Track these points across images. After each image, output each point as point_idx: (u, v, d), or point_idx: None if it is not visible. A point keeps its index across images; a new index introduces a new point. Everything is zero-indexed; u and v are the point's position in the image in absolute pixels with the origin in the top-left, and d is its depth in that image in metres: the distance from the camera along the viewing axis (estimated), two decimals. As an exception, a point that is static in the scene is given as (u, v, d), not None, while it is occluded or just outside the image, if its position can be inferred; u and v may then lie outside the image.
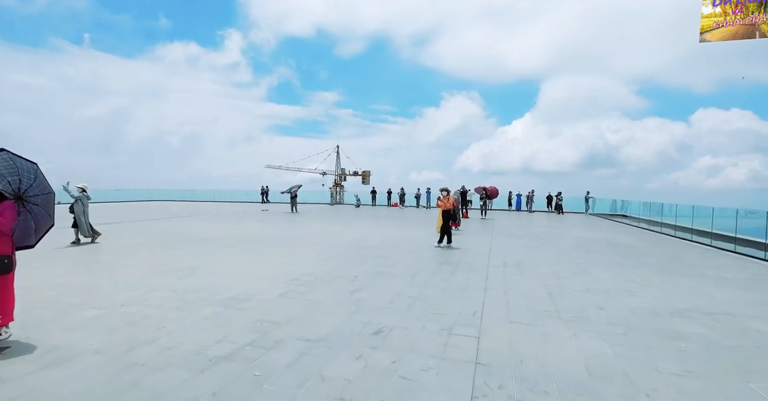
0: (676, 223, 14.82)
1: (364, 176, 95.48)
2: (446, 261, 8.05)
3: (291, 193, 23.35)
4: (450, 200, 10.24)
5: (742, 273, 7.49)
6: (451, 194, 19.24)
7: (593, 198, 26.63)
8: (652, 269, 7.64)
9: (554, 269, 7.45)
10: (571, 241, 11.85)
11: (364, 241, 10.79)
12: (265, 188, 32.08)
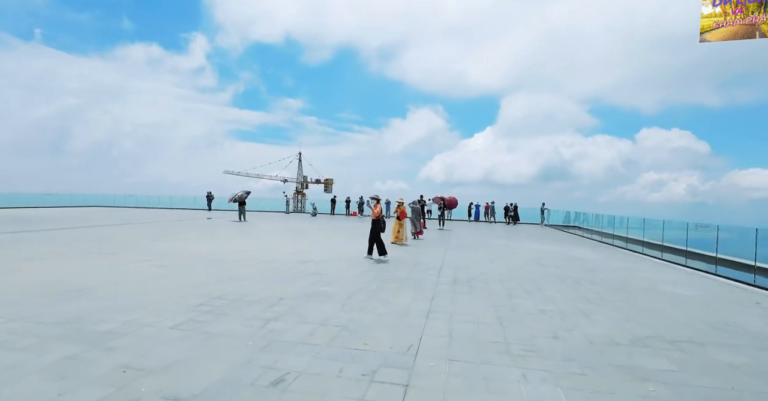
0: (628, 235, 14.90)
1: (326, 184, 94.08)
2: (392, 278, 7.23)
3: (238, 200, 21.85)
4: (378, 208, 9.50)
5: (697, 290, 7.19)
6: (408, 204, 18.70)
7: (548, 210, 26.96)
8: (609, 286, 7.19)
9: (507, 287, 6.81)
10: (527, 254, 11.43)
11: (307, 254, 9.80)
12: (211, 194, 30.07)
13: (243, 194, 21.93)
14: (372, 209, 9.46)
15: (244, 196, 21.95)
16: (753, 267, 8.50)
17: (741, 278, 8.62)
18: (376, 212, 9.39)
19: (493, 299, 5.89)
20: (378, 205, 9.52)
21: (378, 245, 9.29)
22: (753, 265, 8.44)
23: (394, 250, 11.19)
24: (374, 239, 9.32)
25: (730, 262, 10.05)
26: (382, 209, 9.57)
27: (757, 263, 8.43)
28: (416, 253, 10.78)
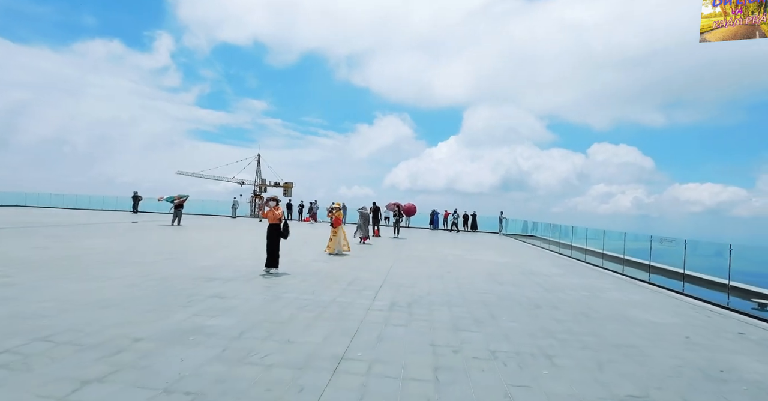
0: (587, 247, 14.24)
1: (286, 187, 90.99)
2: (313, 303, 5.75)
3: (174, 202, 19.70)
4: (279, 210, 8.11)
5: (670, 315, 6.22)
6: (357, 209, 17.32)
7: (506, 219, 26.47)
8: (572, 311, 6.07)
9: (455, 314, 5.53)
10: (483, 267, 10.30)
11: (221, 269, 8.12)
12: (138, 195, 27.11)
13: (181, 197, 20.01)
14: (273, 212, 7.99)
15: (183, 200, 20.00)
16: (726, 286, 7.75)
17: (706, 295, 7.86)
18: (274, 216, 7.94)
19: (433, 335, 4.56)
20: (278, 207, 8.09)
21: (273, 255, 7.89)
22: (726, 284, 7.69)
23: (333, 262, 9.72)
24: (271, 247, 7.86)
25: (694, 278, 9.37)
26: (283, 212, 8.11)
27: (731, 283, 7.67)
28: (357, 266, 9.35)
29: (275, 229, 7.94)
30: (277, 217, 7.93)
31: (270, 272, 7.83)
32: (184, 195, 20.80)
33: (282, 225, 8.05)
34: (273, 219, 7.93)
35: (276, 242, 7.91)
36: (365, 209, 16.30)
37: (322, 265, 9.17)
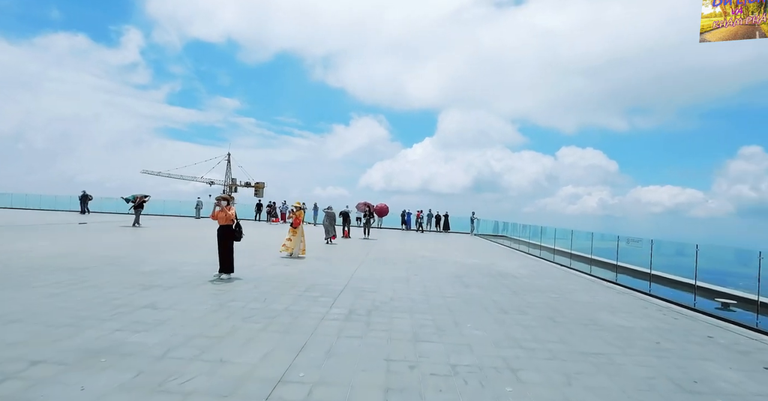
0: (555, 247, 14.22)
1: (257, 187, 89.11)
2: (262, 311, 5.20)
3: (134, 202, 18.62)
4: (231, 210, 7.46)
5: (638, 318, 6.03)
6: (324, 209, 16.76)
7: (478, 219, 26.50)
8: (540, 316, 5.78)
9: (416, 322, 5.11)
10: (451, 269, 9.98)
11: (165, 274, 7.42)
12: (88, 195, 25.31)
13: (143, 197, 18.99)
14: (225, 212, 7.35)
15: (144, 199, 18.98)
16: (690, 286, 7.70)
17: (671, 295, 7.81)
18: (225, 216, 7.31)
19: (390, 348, 4.11)
20: (230, 207, 7.46)
21: (225, 259, 7.26)
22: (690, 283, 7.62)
23: (295, 266, 9.14)
24: (223, 251, 7.25)
25: (660, 278, 9.36)
26: (235, 213, 7.49)
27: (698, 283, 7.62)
28: (320, 270, 8.82)
29: (227, 231, 7.31)
30: (229, 218, 7.31)
31: (222, 277, 7.20)
32: (144, 195, 19.81)
33: (235, 226, 7.44)
34: (224, 220, 7.31)
35: (228, 245, 7.29)
36: (331, 209, 15.77)
37: (281, 269, 8.59)
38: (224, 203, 7.40)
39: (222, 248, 7.26)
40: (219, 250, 7.28)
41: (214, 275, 7.33)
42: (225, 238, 7.28)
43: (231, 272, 7.30)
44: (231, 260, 7.28)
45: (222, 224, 7.31)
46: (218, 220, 7.33)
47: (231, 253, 7.31)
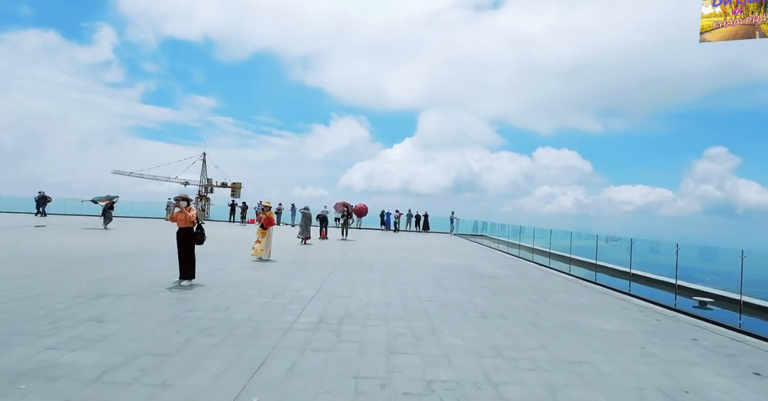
0: (534, 246, 14.14)
1: (234, 188, 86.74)
2: (221, 322, 4.73)
3: (104, 205, 17.85)
4: (192, 211, 6.82)
5: (621, 320, 5.84)
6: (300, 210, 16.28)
7: (457, 219, 26.42)
8: (521, 321, 5.51)
9: (391, 330, 4.75)
10: (430, 271, 9.68)
11: (120, 281, 6.83)
12: (45, 196, 23.81)
13: (109, 199, 18.17)
14: (185, 214, 6.77)
15: (111, 200, 18.16)
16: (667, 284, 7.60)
17: (650, 294, 7.71)
18: (185, 218, 6.75)
19: (360, 362, 3.73)
20: (190, 208, 6.91)
21: (186, 264, 6.73)
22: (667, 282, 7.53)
23: (265, 270, 8.65)
24: (183, 255, 6.74)
25: (638, 277, 9.29)
26: (196, 214, 6.97)
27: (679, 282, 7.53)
28: (291, 274, 8.36)
29: (187, 234, 6.78)
30: (189, 219, 6.78)
31: (182, 284, 6.66)
32: (113, 196, 18.97)
33: (196, 229, 6.91)
34: (184, 222, 6.77)
35: (189, 249, 6.76)
36: (307, 209, 15.31)
37: (250, 274, 8.08)
38: (184, 204, 6.85)
39: (182, 252, 6.72)
40: (179, 255, 6.74)
41: (174, 281, 6.78)
42: (185, 241, 6.74)
43: (192, 278, 6.78)
44: (192, 266, 6.76)
45: (182, 227, 6.77)
46: (177, 222, 6.79)
47: (192, 258, 6.78)
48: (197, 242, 6.89)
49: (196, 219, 6.94)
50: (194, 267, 6.81)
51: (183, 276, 6.74)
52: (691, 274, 10.11)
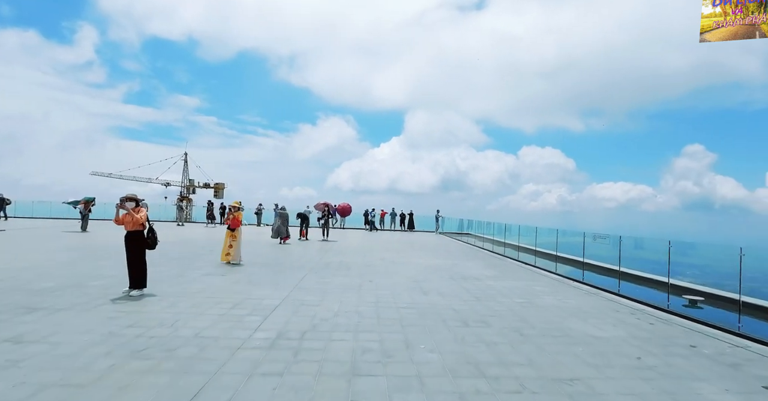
0: (520, 244, 13.74)
1: (217, 188, 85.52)
2: (161, 342, 4.10)
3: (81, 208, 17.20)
4: (141, 213, 6.14)
5: (613, 326, 5.38)
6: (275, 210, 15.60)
7: (443, 217, 26.01)
8: (506, 327, 5.00)
9: (361, 344, 4.18)
10: (411, 272, 9.14)
11: (62, 292, 6.13)
12: (6, 199, 22.53)
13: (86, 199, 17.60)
14: (132, 216, 6.05)
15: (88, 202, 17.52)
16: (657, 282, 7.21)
17: (639, 293, 7.32)
18: (133, 221, 6.08)
19: (317, 387, 3.15)
20: (139, 209, 6.23)
21: (135, 272, 6.06)
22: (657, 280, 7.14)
23: (232, 275, 7.99)
24: (132, 262, 6.06)
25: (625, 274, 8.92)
26: (147, 216, 6.30)
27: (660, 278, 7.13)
28: (259, 279, 7.72)
29: (136, 238, 6.10)
30: (138, 222, 6.10)
31: (131, 294, 5.98)
32: (90, 198, 18.26)
33: (147, 232, 6.24)
34: (132, 225, 6.09)
35: (138, 255, 6.09)
36: (284, 209, 14.66)
37: (212, 281, 7.42)
38: (131, 205, 6.16)
39: (131, 258, 6.05)
40: (128, 262, 6.07)
41: (123, 291, 6.10)
42: (134, 247, 6.07)
43: (143, 287, 6.10)
44: (142, 274, 6.09)
45: (130, 230, 6.08)
46: (125, 225, 6.10)
47: (142, 265, 6.11)
48: (148, 247, 6.21)
49: (147, 221, 6.26)
50: (145, 275, 6.14)
51: (132, 285, 6.06)
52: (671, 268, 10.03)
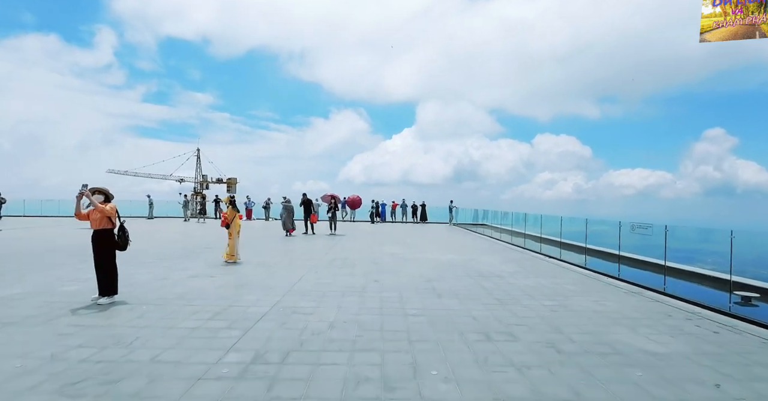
0: (542, 235, 12.67)
1: (229, 183, 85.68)
2: (107, 368, 3.28)
3: None
4: (108, 207, 5.24)
5: (671, 338, 4.38)
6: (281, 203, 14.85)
7: (456, 208, 24.97)
8: (537, 343, 4.06)
9: (354, 370, 3.30)
10: (422, 269, 8.23)
11: (25, 300, 5.39)
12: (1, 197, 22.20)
13: None
14: (101, 211, 5.20)
15: None
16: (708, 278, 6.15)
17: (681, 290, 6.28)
18: (99, 217, 5.22)
19: (286, 446, 2.27)
20: (106, 204, 5.35)
21: (103, 277, 5.25)
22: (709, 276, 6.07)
23: (223, 276, 7.20)
24: (100, 265, 5.26)
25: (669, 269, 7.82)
26: (116, 212, 5.45)
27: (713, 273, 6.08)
28: (251, 281, 6.91)
29: (104, 238, 5.30)
30: (105, 216, 5.28)
31: (99, 302, 5.21)
32: None
33: (118, 230, 5.43)
34: (99, 223, 5.28)
35: (107, 257, 5.30)
36: (289, 202, 13.87)
37: (198, 284, 6.63)
38: (99, 198, 5.36)
39: (99, 261, 5.26)
40: (95, 265, 5.29)
41: (92, 299, 5.33)
42: (102, 248, 5.27)
43: (113, 294, 5.33)
44: (111, 279, 5.30)
45: (97, 229, 5.29)
46: (91, 223, 5.30)
47: (112, 268, 5.33)
48: (118, 248, 5.42)
49: (117, 217, 5.45)
50: (115, 280, 5.35)
51: (101, 292, 5.29)
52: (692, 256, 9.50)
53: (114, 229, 5.39)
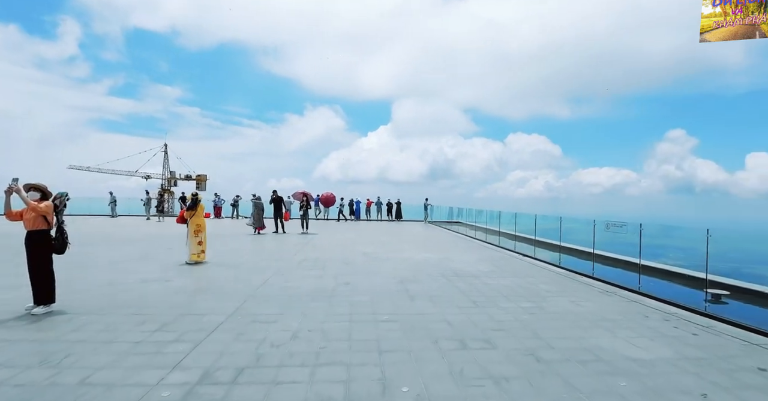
0: (516, 233, 12.62)
1: (199, 180, 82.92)
2: (25, 391, 2.78)
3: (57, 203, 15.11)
4: (44, 205, 4.68)
5: (652, 342, 4.22)
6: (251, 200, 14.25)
7: (431, 206, 24.87)
8: (515, 351, 3.79)
9: (314, 388, 2.93)
10: (396, 270, 7.92)
11: (-55, 311, 4.71)
12: None
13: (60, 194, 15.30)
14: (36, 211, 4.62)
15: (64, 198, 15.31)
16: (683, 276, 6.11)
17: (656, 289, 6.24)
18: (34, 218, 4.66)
19: None
20: (40, 200, 4.77)
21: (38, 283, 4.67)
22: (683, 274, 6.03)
23: (180, 279, 6.66)
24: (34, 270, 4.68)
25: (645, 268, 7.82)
26: (53, 210, 4.86)
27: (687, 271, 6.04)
28: (213, 284, 6.41)
29: (39, 239, 4.70)
30: (40, 216, 4.68)
31: (33, 312, 4.62)
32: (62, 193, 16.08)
33: (56, 232, 4.84)
34: (33, 223, 4.67)
35: (42, 261, 4.70)
36: (259, 199, 13.30)
37: (150, 288, 6.08)
38: (36, 195, 4.76)
39: (33, 266, 4.66)
40: (29, 270, 4.68)
41: (26, 308, 4.73)
42: (37, 251, 4.67)
43: (50, 302, 4.74)
44: (48, 285, 4.71)
45: (30, 230, 4.68)
46: (24, 223, 4.69)
47: (48, 274, 4.74)
48: (55, 251, 4.82)
49: (54, 216, 4.85)
50: (52, 287, 4.76)
51: (37, 300, 4.69)
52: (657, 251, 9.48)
53: (50, 230, 4.79)
